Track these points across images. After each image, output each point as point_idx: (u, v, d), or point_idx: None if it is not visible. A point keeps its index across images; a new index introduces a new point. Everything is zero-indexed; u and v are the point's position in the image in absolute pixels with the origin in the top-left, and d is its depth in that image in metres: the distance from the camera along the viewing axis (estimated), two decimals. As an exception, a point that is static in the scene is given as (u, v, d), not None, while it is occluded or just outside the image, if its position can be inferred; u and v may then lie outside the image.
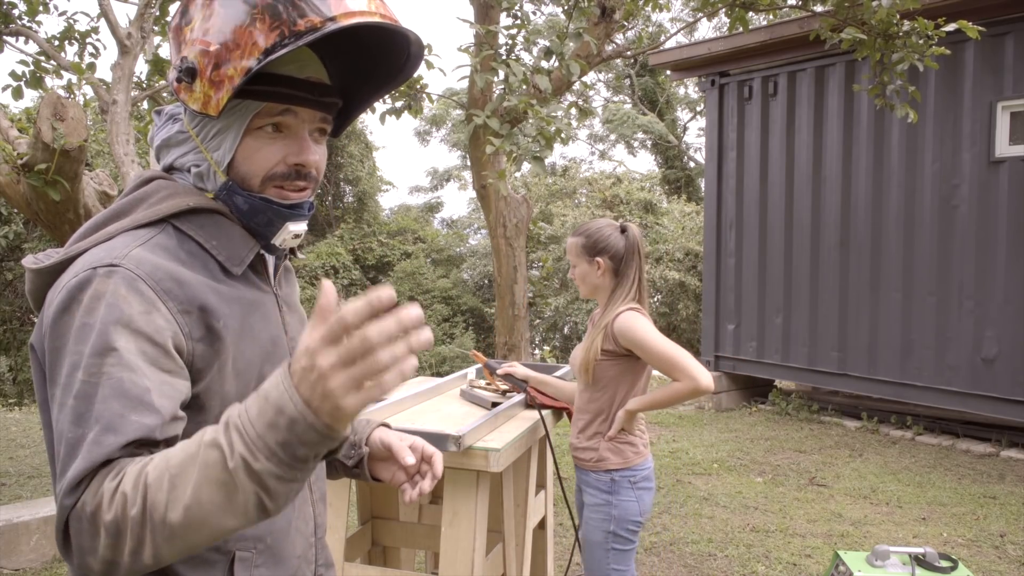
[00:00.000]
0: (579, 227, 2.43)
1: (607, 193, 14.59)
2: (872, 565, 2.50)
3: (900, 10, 4.20)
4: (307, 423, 0.75)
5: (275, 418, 0.76)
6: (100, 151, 9.42)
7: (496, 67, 3.83)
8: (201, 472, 0.78)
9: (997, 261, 5.63)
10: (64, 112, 3.40)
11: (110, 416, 0.84)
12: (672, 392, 2.26)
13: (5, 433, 6.51)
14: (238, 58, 0.94)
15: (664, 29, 18.65)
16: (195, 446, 0.80)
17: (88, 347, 0.87)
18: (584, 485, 2.42)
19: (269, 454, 0.77)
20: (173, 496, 0.78)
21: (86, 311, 0.88)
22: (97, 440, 0.83)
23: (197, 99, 0.98)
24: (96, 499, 0.81)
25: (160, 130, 1.07)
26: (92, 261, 0.92)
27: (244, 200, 1.02)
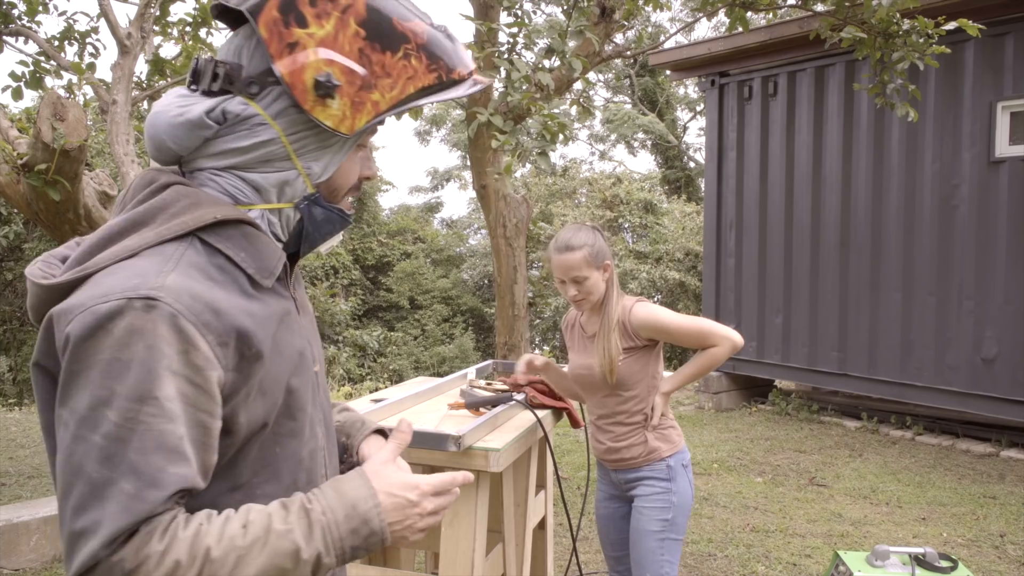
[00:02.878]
0: (568, 240, 2.30)
1: (607, 193, 14.58)
2: (872, 565, 2.50)
3: (900, 9, 4.20)
4: (381, 538, 0.93)
5: (359, 527, 0.91)
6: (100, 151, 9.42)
7: (499, 63, 3.83)
8: (269, 559, 0.85)
9: (997, 261, 5.63)
10: (64, 112, 3.40)
11: (152, 471, 0.82)
12: (711, 357, 2.30)
13: (5, 433, 6.51)
14: (388, 88, 0.97)
15: (664, 29, 18.65)
16: (262, 530, 0.87)
17: (123, 387, 0.83)
18: (636, 482, 2.39)
19: (340, 553, 0.90)
20: (235, 573, 0.84)
21: (119, 345, 0.83)
22: (138, 495, 0.81)
23: (333, 116, 0.96)
24: (139, 559, 0.80)
25: (234, 131, 0.97)
26: (124, 288, 0.86)
27: (323, 211, 1.04)
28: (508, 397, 2.57)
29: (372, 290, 17.15)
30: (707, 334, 2.30)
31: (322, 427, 1.10)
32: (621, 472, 2.41)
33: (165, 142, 0.96)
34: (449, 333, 15.82)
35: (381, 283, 17.25)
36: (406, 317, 16.47)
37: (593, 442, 2.50)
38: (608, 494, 2.52)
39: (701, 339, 2.30)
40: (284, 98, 0.96)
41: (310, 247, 1.08)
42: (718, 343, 2.29)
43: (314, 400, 1.06)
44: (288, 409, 0.99)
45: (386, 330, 15.58)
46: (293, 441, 1.01)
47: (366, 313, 16.67)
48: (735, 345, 2.29)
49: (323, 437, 1.09)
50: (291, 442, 1.00)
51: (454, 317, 16.42)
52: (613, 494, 2.51)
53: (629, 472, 2.39)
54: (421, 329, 16.03)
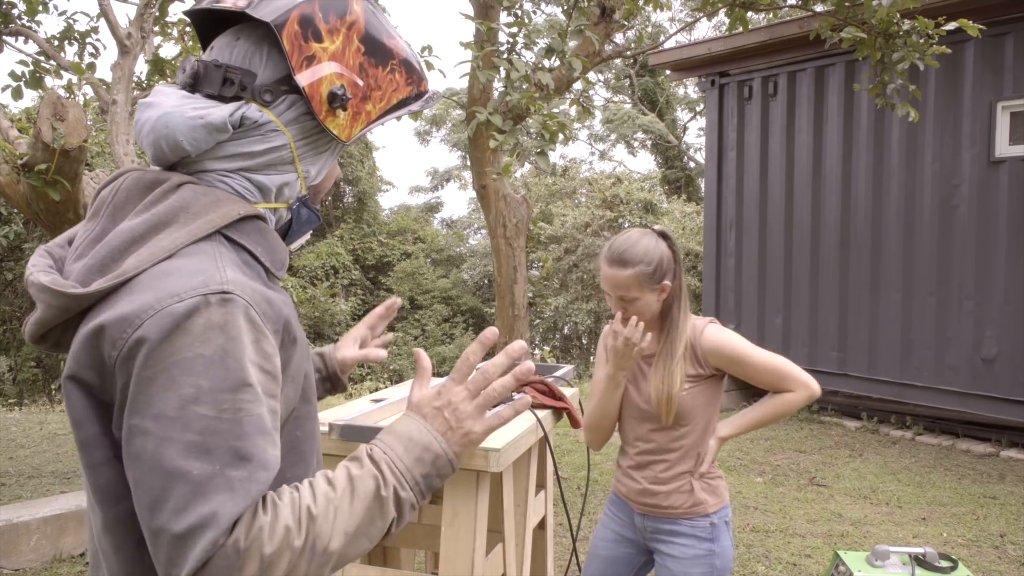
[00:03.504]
0: (623, 253, 1.95)
1: (607, 193, 14.59)
2: (872, 565, 2.50)
3: (900, 9, 4.20)
4: (447, 459, 0.95)
5: (422, 455, 0.94)
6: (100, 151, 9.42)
7: (498, 63, 3.83)
8: (360, 501, 0.90)
9: (997, 261, 5.63)
10: (64, 112, 3.40)
11: (259, 453, 0.85)
12: (785, 404, 1.99)
13: (5, 433, 6.51)
14: (378, 99, 1.06)
15: (664, 29, 18.65)
16: (346, 480, 0.90)
17: (211, 381, 0.83)
18: (670, 537, 2.04)
19: (414, 483, 0.93)
20: (336, 524, 0.87)
21: (200, 342, 0.84)
22: (252, 478, 0.84)
23: (340, 126, 1.04)
24: (252, 535, 0.82)
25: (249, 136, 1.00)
26: (193, 285, 0.87)
27: (309, 212, 1.11)
28: (508, 397, 2.57)
29: (372, 290, 17.16)
30: (786, 376, 2.00)
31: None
32: (653, 520, 2.07)
33: (181, 143, 0.97)
34: (449, 333, 15.84)
35: (381, 283, 17.26)
36: (406, 317, 16.47)
37: (623, 477, 2.14)
38: (619, 536, 2.17)
39: (778, 380, 2.00)
40: (298, 107, 1.02)
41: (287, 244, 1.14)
42: (795, 389, 1.99)
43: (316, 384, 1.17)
44: (305, 393, 1.04)
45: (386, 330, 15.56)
46: (309, 423, 1.06)
47: (366, 313, 16.65)
48: (812, 395, 2.00)
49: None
50: (308, 424, 1.06)
51: (454, 317, 16.43)
52: (627, 538, 2.15)
53: (663, 522, 2.05)
54: (421, 329, 16.03)
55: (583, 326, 14.20)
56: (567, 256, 13.92)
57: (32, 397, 10.44)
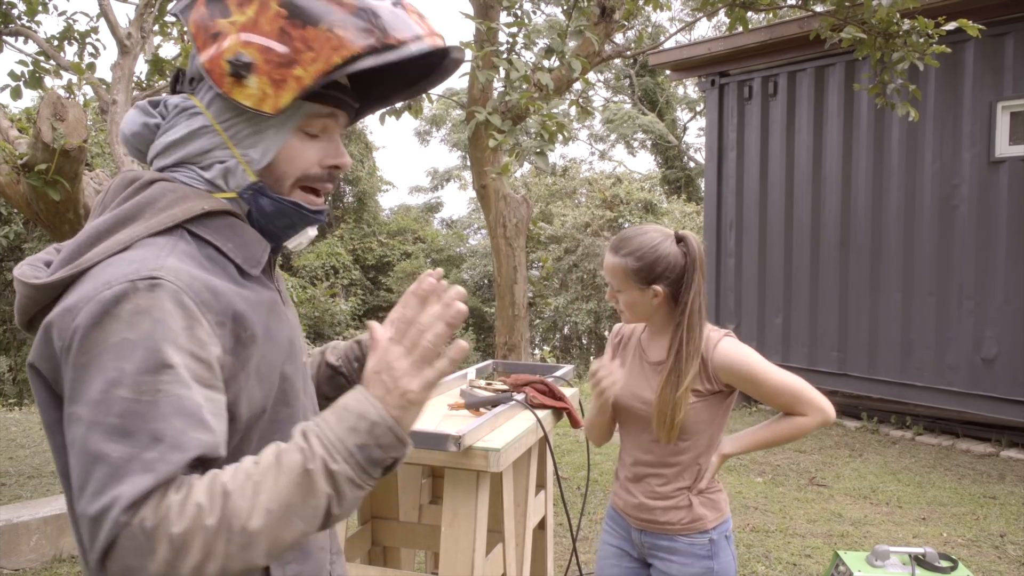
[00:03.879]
0: (623, 240, 1.89)
1: (607, 193, 14.59)
2: (872, 565, 2.50)
3: (900, 9, 4.20)
4: (386, 425, 0.85)
5: (356, 423, 0.85)
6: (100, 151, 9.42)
7: (498, 63, 3.83)
8: (285, 475, 0.82)
9: (997, 261, 5.63)
10: (64, 112, 3.40)
11: (174, 434, 0.82)
12: (796, 427, 1.88)
13: (5, 433, 6.51)
14: (310, 61, 0.94)
15: (664, 29, 18.65)
16: (272, 456, 0.84)
17: (133, 364, 0.83)
18: (667, 554, 1.95)
19: (347, 455, 0.84)
20: (257, 501, 0.81)
21: (127, 326, 0.85)
22: (163, 458, 0.81)
23: (251, 95, 0.96)
24: (160, 513, 0.79)
25: (173, 124, 1.02)
26: (125, 273, 0.88)
27: (271, 202, 1.02)
28: (508, 397, 2.58)
29: (372, 290, 17.16)
30: (801, 399, 1.87)
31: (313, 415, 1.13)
32: (650, 536, 1.98)
33: (127, 136, 1.03)
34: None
35: (381, 283, 17.26)
36: (406, 317, 16.44)
37: (619, 490, 2.05)
38: (619, 550, 2.07)
39: (792, 402, 1.88)
40: (211, 85, 0.99)
41: (274, 242, 1.07)
42: (808, 413, 1.87)
43: (304, 388, 1.09)
44: (284, 396, 1.02)
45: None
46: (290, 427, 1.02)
47: (366, 313, 16.67)
48: (826, 420, 1.88)
49: None
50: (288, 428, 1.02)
51: (454, 317, 16.41)
52: (626, 552, 2.06)
53: (660, 538, 1.96)
54: (421, 329, 16.01)
55: (583, 326, 14.20)
56: (567, 256, 13.92)
57: (32, 397, 10.44)
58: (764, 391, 1.86)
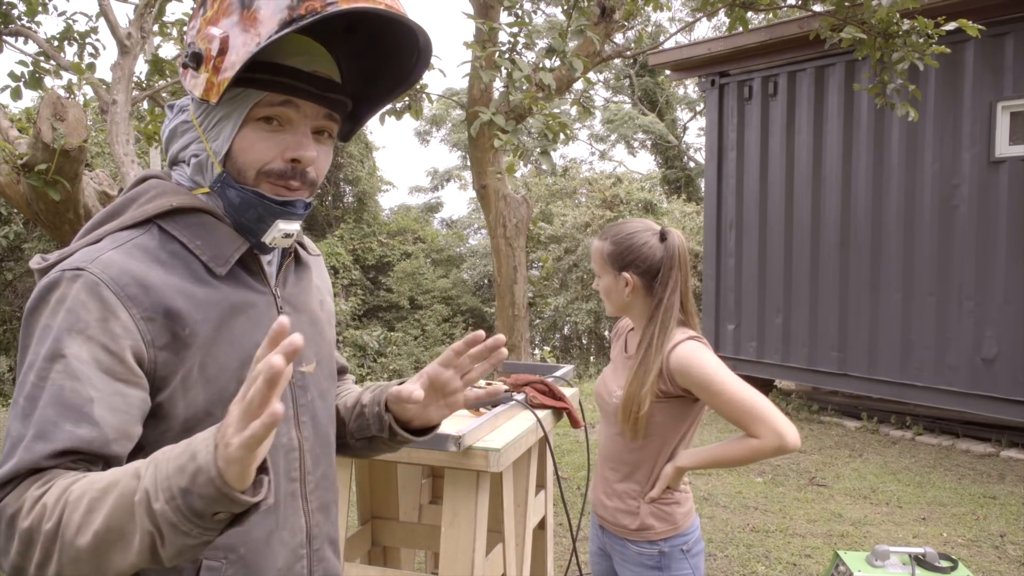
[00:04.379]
0: (608, 228, 1.95)
1: (607, 193, 14.59)
2: (872, 565, 2.50)
3: (900, 9, 4.20)
4: (208, 476, 0.72)
5: (186, 463, 0.74)
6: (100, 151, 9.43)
7: (500, 63, 3.83)
8: (116, 499, 0.76)
9: (997, 261, 5.63)
10: (64, 112, 3.40)
11: (43, 423, 0.84)
12: (748, 450, 1.76)
13: (5, 433, 6.51)
14: (241, 45, 0.92)
15: (663, 29, 18.65)
16: (122, 473, 0.78)
17: (43, 349, 0.88)
18: (621, 559, 1.93)
19: (169, 497, 0.74)
20: (87, 519, 0.76)
21: (51, 313, 0.90)
22: (28, 446, 0.84)
23: (199, 85, 0.96)
24: (17, 504, 0.81)
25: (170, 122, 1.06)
26: (66, 264, 0.93)
27: (236, 193, 1.00)
28: (508, 397, 2.58)
29: (372, 290, 17.16)
30: (756, 417, 1.74)
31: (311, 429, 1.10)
32: (608, 535, 1.97)
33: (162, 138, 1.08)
34: (449, 333, 15.83)
35: (381, 283, 17.26)
36: (406, 317, 16.47)
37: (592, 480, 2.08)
38: (599, 548, 2.07)
39: (745, 420, 1.76)
40: None
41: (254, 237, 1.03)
42: (763, 436, 1.73)
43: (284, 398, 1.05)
44: None
45: (386, 330, 15.58)
46: None
47: (366, 313, 16.67)
48: (784, 445, 1.73)
49: (297, 438, 1.07)
50: None
51: (454, 317, 16.42)
52: (602, 549, 2.06)
53: (615, 540, 1.94)
54: (421, 329, 16.03)
55: (583, 326, 14.20)
56: (567, 256, 13.92)
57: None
58: (718, 402, 1.77)
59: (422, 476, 2.92)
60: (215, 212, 1.02)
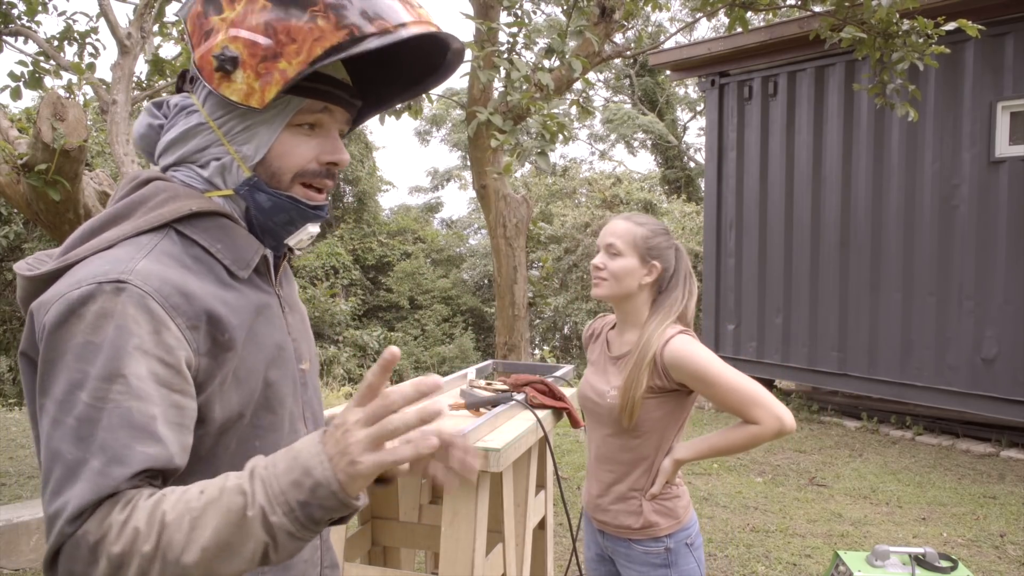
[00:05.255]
0: (637, 215, 1.95)
1: (607, 193, 14.59)
2: (872, 565, 2.50)
3: (900, 9, 4.20)
4: (330, 489, 0.80)
5: (301, 478, 0.80)
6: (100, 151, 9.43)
7: (498, 63, 3.83)
8: (223, 516, 0.80)
9: (997, 261, 5.63)
10: (64, 112, 3.40)
11: (117, 447, 0.83)
12: (748, 436, 1.78)
13: (5, 433, 6.51)
14: (294, 54, 0.93)
15: (663, 29, 18.65)
16: (217, 491, 0.82)
17: (94, 368, 0.84)
18: (626, 561, 1.91)
19: (287, 510, 0.80)
20: (192, 537, 0.80)
21: (91, 329, 0.85)
22: (103, 471, 0.82)
23: (238, 90, 0.95)
24: (102, 529, 0.80)
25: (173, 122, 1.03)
26: (96, 274, 0.88)
27: (268, 197, 1.01)
28: (508, 397, 2.58)
29: (372, 290, 17.16)
30: (754, 402, 1.77)
31: (312, 424, 1.12)
32: (609, 539, 1.96)
33: (138, 141, 1.05)
34: (449, 333, 15.83)
35: (381, 283, 17.26)
36: (406, 317, 16.47)
37: (584, 487, 2.04)
38: (597, 554, 2.04)
39: (745, 407, 1.77)
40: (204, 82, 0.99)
41: (274, 240, 1.05)
42: (762, 421, 1.75)
43: (295, 395, 1.07)
44: (267, 402, 1.01)
45: (386, 330, 15.59)
46: (272, 435, 1.02)
47: (366, 313, 16.68)
48: (783, 428, 1.76)
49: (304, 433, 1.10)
50: (271, 435, 1.01)
51: (454, 317, 16.42)
52: (600, 555, 2.03)
53: (618, 543, 1.92)
54: (421, 329, 16.03)
55: (583, 326, 14.19)
56: (567, 256, 13.92)
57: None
58: (716, 392, 1.79)
59: (422, 476, 2.91)
60: (231, 215, 1.02)
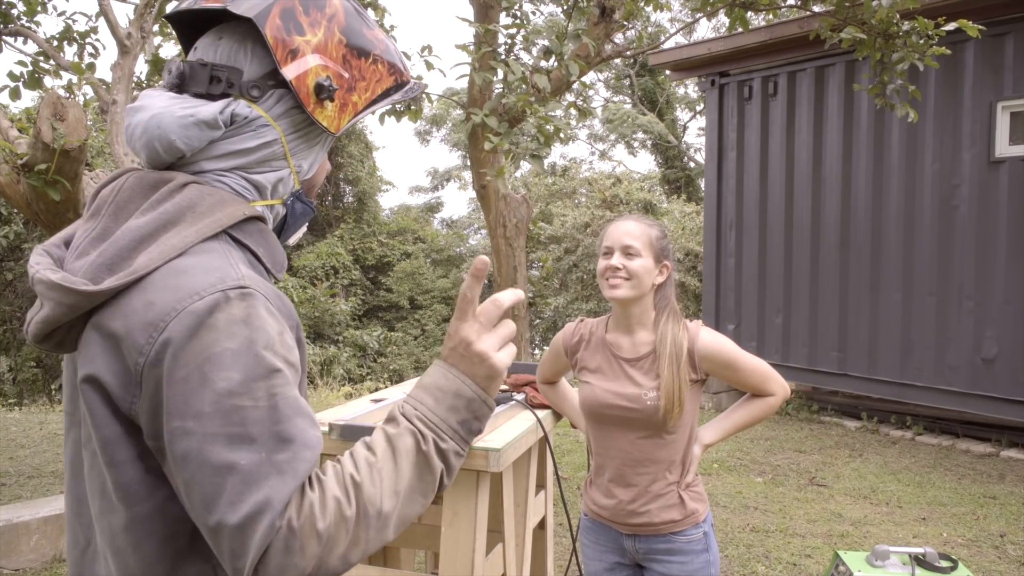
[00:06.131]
0: (643, 216, 2.03)
1: (607, 193, 14.59)
2: (872, 565, 2.50)
3: (900, 10, 4.20)
4: (481, 399, 0.94)
5: (455, 401, 0.93)
6: (100, 151, 9.43)
7: (495, 66, 3.84)
8: (403, 459, 0.90)
9: (997, 261, 5.63)
10: (64, 112, 3.40)
11: (301, 434, 0.86)
12: (767, 406, 1.98)
13: (5, 433, 6.51)
14: (363, 90, 1.06)
15: (664, 29, 18.65)
16: (384, 441, 0.91)
17: (242, 372, 0.84)
18: (666, 555, 1.95)
19: (452, 432, 0.93)
20: (384, 487, 0.88)
21: (226, 336, 0.84)
22: (298, 458, 0.85)
23: (328, 117, 1.03)
24: (304, 512, 0.83)
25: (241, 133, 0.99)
26: (212, 283, 0.87)
27: (304, 207, 1.11)
28: (508, 397, 2.58)
29: (372, 290, 17.15)
30: (769, 377, 1.96)
31: None
32: (645, 540, 1.96)
33: (175, 142, 0.96)
34: (449, 333, 15.82)
35: (381, 283, 17.25)
36: (406, 317, 16.47)
37: (600, 498, 2.02)
38: (611, 564, 2.04)
39: (764, 383, 1.96)
40: (286, 101, 1.01)
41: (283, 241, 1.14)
42: (775, 391, 1.97)
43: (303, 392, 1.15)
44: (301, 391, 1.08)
45: (386, 330, 15.59)
46: None
47: (366, 313, 16.67)
48: (787, 394, 2.00)
49: None
50: None
51: (454, 317, 16.41)
52: (618, 562, 2.03)
53: (656, 541, 1.94)
54: (421, 329, 16.03)
55: (583, 326, 14.15)
56: (567, 256, 13.92)
57: (32, 397, 10.44)
58: (742, 374, 1.95)
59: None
60: (267, 220, 1.05)
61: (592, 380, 1.99)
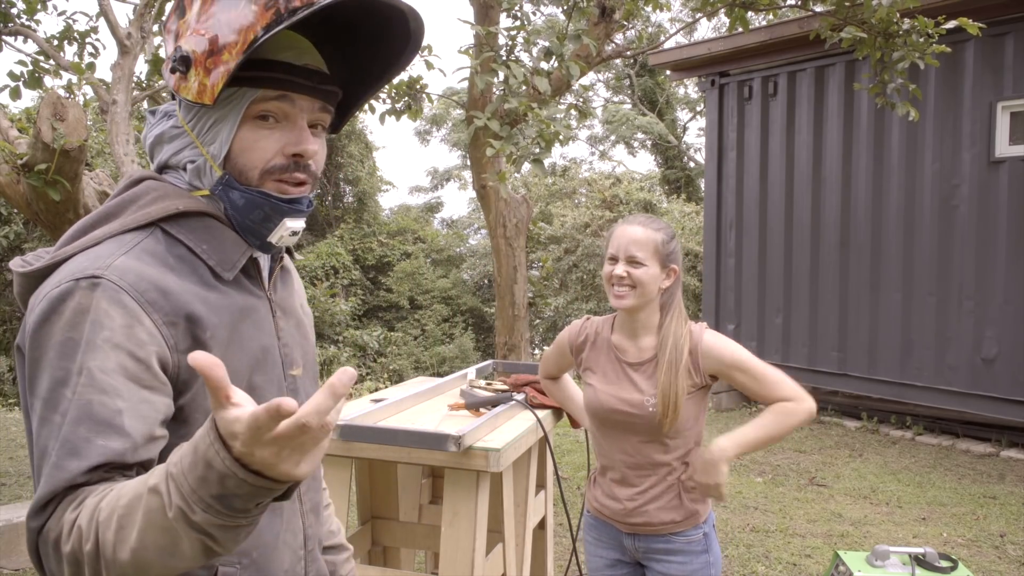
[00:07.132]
0: (648, 219, 1.95)
1: (607, 193, 14.59)
2: (872, 565, 2.50)
3: (900, 9, 4.20)
4: (237, 477, 0.71)
5: (205, 472, 0.72)
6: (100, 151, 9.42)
7: (496, 68, 3.84)
8: (145, 517, 0.75)
9: (997, 261, 5.63)
10: (64, 112, 3.40)
11: (75, 440, 0.83)
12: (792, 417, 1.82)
13: (5, 433, 6.51)
14: (233, 44, 0.92)
15: (664, 29, 18.65)
16: (143, 487, 0.77)
17: (75, 364, 0.85)
18: (665, 555, 1.95)
19: (205, 507, 0.73)
20: (120, 537, 0.76)
21: (69, 325, 0.86)
22: (59, 464, 0.82)
23: (191, 89, 0.94)
24: (58, 528, 0.81)
25: (153, 128, 1.04)
26: (74, 271, 0.89)
27: (241, 195, 0.99)
28: (508, 397, 2.58)
29: (372, 290, 17.15)
30: (784, 381, 1.85)
31: None
32: (644, 539, 1.96)
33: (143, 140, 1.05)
34: (449, 333, 15.82)
35: (381, 283, 17.25)
36: (406, 317, 16.46)
37: (604, 498, 2.02)
38: (612, 560, 2.05)
39: (775, 387, 1.85)
40: None
41: (257, 238, 1.03)
42: (792, 397, 1.82)
43: None
44: None
45: (386, 330, 15.58)
46: None
47: (366, 313, 16.66)
48: (813, 410, 1.84)
49: None
50: None
51: (454, 317, 16.41)
52: (619, 559, 2.04)
53: (655, 541, 1.95)
54: (421, 329, 16.02)
55: (583, 326, 14.15)
56: (567, 256, 13.91)
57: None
58: (751, 377, 1.85)
59: (422, 476, 2.92)
60: (218, 216, 1.01)
61: (595, 383, 1.99)
